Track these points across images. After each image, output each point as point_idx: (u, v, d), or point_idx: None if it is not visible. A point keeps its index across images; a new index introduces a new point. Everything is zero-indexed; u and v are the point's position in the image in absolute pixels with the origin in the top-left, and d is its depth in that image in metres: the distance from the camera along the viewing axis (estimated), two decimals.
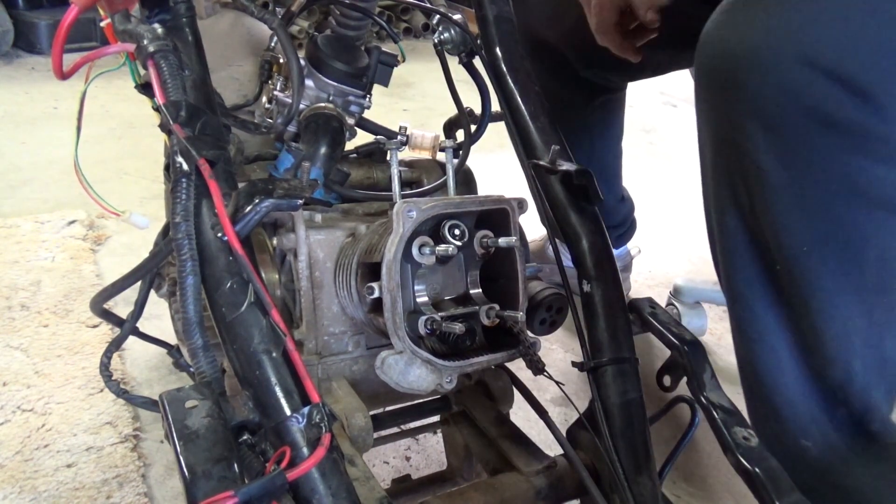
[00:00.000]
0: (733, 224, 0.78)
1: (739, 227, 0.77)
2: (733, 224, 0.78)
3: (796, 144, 0.70)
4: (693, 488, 1.14)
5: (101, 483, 1.00)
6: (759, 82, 0.69)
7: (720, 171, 0.78)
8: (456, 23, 0.88)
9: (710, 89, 0.76)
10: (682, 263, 1.90)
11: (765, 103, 0.69)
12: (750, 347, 0.81)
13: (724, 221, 0.79)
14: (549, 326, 0.78)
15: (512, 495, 0.68)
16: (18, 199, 1.77)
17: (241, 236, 0.56)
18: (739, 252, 0.78)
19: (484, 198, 0.68)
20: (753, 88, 0.69)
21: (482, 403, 0.81)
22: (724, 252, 0.80)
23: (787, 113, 0.69)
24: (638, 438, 0.66)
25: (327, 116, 0.84)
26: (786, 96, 0.68)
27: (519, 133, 0.81)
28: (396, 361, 0.61)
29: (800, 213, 0.72)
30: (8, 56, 2.74)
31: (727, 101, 0.73)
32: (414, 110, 2.80)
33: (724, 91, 0.73)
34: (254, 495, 0.45)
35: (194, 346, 0.55)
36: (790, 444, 0.81)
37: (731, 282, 0.81)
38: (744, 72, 0.70)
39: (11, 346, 1.25)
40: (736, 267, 0.79)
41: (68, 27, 0.60)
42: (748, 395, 0.86)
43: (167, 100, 0.61)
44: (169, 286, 0.98)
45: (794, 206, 0.72)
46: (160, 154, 0.93)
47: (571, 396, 0.74)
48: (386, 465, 1.12)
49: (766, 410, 0.82)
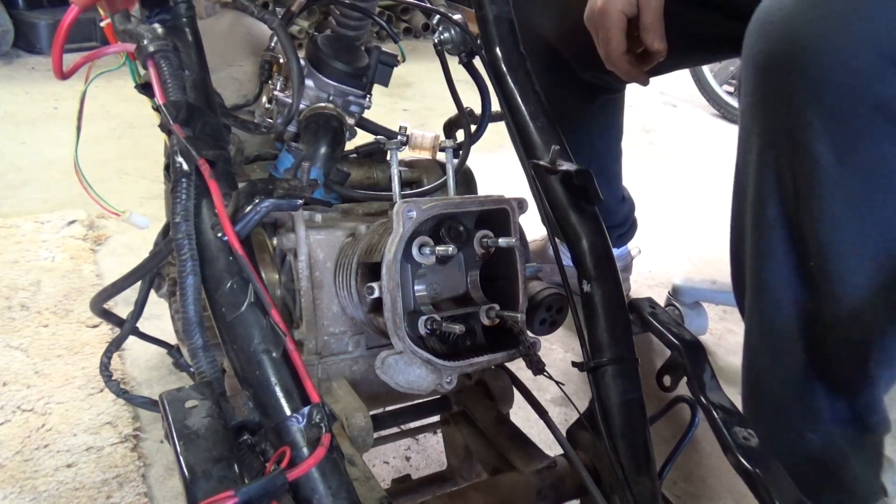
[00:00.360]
0: (772, 216, 0.77)
1: (779, 219, 0.76)
2: (772, 216, 0.77)
3: (857, 138, 0.68)
4: (693, 488, 1.14)
5: (101, 483, 1.00)
6: (825, 68, 0.66)
7: (767, 160, 0.76)
8: (456, 23, 0.88)
9: (766, 74, 0.73)
10: (681, 263, 1.90)
11: (829, 91, 0.67)
12: (766, 339, 0.81)
13: (762, 213, 0.78)
14: (549, 326, 0.78)
15: (512, 495, 0.68)
16: (18, 199, 1.77)
17: (241, 236, 0.56)
18: (773, 245, 0.77)
19: (484, 198, 0.68)
20: (819, 74, 0.67)
21: (482, 403, 0.81)
22: (757, 244, 0.79)
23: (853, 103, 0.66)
24: (638, 438, 0.65)
25: (327, 116, 0.84)
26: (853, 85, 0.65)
27: (519, 133, 0.81)
28: (396, 361, 0.61)
29: (847, 210, 0.71)
30: (8, 56, 2.74)
31: (786, 86, 0.70)
32: (414, 110, 2.80)
33: (785, 76, 0.70)
34: (254, 495, 0.45)
35: (194, 346, 0.55)
36: (793, 439, 0.82)
37: (759, 273, 0.80)
38: (810, 56, 0.67)
39: (11, 346, 1.25)
40: (767, 259, 0.79)
41: (68, 27, 0.60)
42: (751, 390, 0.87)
43: (167, 100, 0.61)
44: (169, 286, 0.98)
45: (842, 202, 0.70)
46: (160, 154, 0.93)
47: (571, 396, 0.74)
48: (386, 465, 1.12)
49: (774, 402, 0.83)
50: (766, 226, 0.78)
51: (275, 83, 0.87)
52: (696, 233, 2.10)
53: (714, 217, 2.24)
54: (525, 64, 0.84)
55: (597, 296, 0.71)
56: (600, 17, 0.97)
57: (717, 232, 2.13)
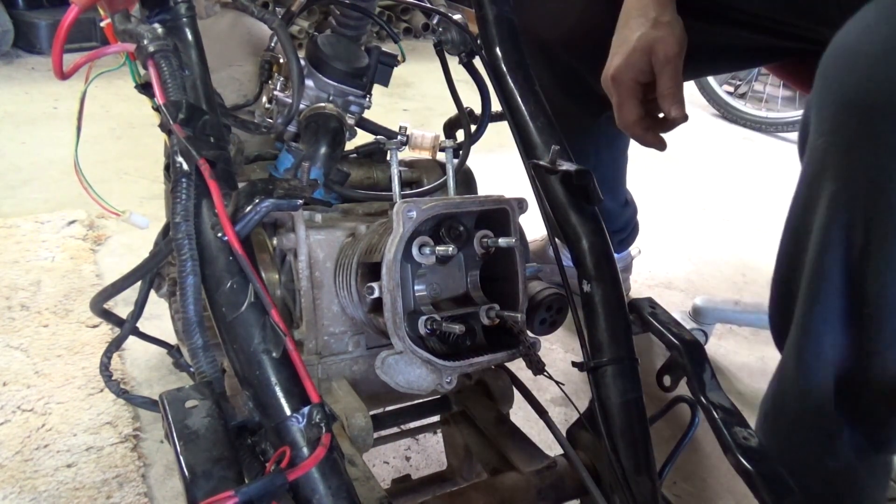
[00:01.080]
0: (833, 262, 0.74)
1: (839, 266, 0.73)
2: (833, 262, 0.74)
3: None
4: (693, 488, 1.14)
5: (101, 483, 1.00)
6: None
7: (840, 204, 0.72)
8: (456, 23, 0.88)
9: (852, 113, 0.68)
10: (682, 264, 1.90)
11: None
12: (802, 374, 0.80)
13: (822, 258, 0.74)
14: (549, 326, 0.78)
15: (512, 495, 0.68)
16: (18, 199, 1.77)
17: (241, 236, 0.56)
18: (828, 291, 0.75)
19: (484, 198, 0.68)
20: None
21: (482, 403, 0.81)
22: (810, 287, 0.77)
23: None
24: (638, 438, 0.65)
25: (327, 116, 0.84)
26: None
27: (519, 133, 0.81)
28: (396, 361, 0.61)
29: None
30: (8, 56, 2.74)
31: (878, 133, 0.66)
32: (414, 110, 2.80)
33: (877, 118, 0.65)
34: (254, 495, 0.45)
35: (194, 346, 0.55)
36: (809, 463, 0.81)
37: (808, 315, 0.78)
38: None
39: (11, 346, 1.25)
40: (818, 303, 0.76)
41: (68, 27, 0.60)
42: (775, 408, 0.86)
43: (167, 100, 0.61)
44: (169, 286, 0.98)
45: None
46: (160, 154, 0.93)
47: (571, 396, 0.74)
48: (386, 465, 1.12)
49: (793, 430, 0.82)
50: (825, 271, 0.75)
51: (275, 83, 0.87)
52: (697, 233, 2.10)
53: (715, 217, 2.24)
54: (525, 64, 0.84)
55: (597, 296, 0.71)
56: (613, 84, 0.95)
57: (718, 232, 2.13)
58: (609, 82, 0.96)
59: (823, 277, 0.75)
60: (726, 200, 2.37)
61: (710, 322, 1.49)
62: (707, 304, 1.48)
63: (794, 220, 0.80)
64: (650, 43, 0.91)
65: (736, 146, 2.99)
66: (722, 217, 2.24)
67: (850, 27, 0.69)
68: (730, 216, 2.25)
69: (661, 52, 0.91)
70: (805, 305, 0.78)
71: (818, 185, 0.74)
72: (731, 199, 2.39)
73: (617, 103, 0.97)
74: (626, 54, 0.93)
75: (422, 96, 2.94)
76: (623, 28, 0.95)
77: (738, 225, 2.19)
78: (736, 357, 1.49)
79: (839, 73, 0.69)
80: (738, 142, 3.04)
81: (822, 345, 0.77)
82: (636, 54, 0.92)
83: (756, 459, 0.65)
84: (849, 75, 0.68)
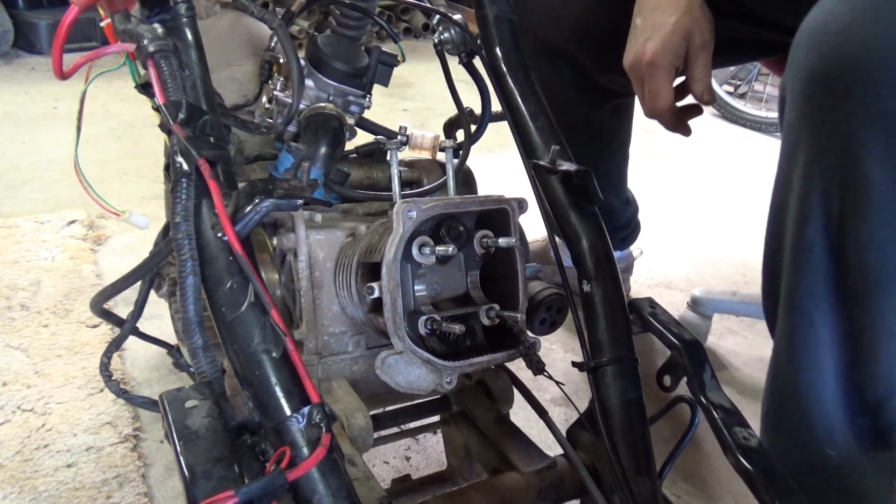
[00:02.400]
0: (813, 234, 0.75)
1: (819, 238, 0.74)
2: (813, 234, 0.75)
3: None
4: (693, 488, 1.14)
5: (101, 483, 1.00)
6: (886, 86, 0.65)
7: (814, 176, 0.74)
8: (456, 23, 0.88)
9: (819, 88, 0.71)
10: (682, 264, 1.90)
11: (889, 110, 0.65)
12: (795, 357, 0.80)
13: (802, 231, 0.76)
14: (549, 326, 0.78)
15: (512, 495, 0.68)
16: (18, 199, 1.77)
17: (241, 236, 0.56)
18: (812, 264, 0.76)
19: (484, 198, 0.68)
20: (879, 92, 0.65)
21: (482, 403, 0.81)
22: (794, 262, 0.78)
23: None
24: (638, 438, 0.65)
25: (327, 116, 0.84)
26: None
27: (519, 133, 0.81)
28: (396, 361, 0.61)
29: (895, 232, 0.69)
30: (8, 56, 2.74)
31: (842, 102, 0.68)
32: (414, 110, 2.80)
33: (840, 91, 0.68)
34: (254, 495, 0.45)
35: (194, 346, 0.55)
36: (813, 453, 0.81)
37: (793, 292, 0.78)
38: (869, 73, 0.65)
39: (11, 346, 1.25)
40: (803, 278, 0.77)
41: (68, 27, 0.60)
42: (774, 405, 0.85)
43: (167, 100, 0.61)
44: (169, 286, 0.98)
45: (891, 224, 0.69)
46: (160, 154, 0.93)
47: (571, 396, 0.74)
48: (386, 465, 1.12)
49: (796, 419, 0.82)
50: (806, 243, 0.76)
51: (275, 83, 0.87)
52: (697, 233, 2.10)
53: (714, 217, 2.24)
54: (525, 64, 0.84)
55: (597, 296, 0.71)
56: (649, 69, 0.94)
57: (718, 232, 2.13)
58: (643, 67, 0.95)
59: (804, 249, 0.76)
60: (726, 200, 2.37)
61: (709, 313, 1.50)
62: (705, 295, 1.50)
63: (776, 197, 0.81)
64: (688, 27, 0.92)
65: (736, 146, 2.99)
66: (722, 217, 2.24)
67: (815, 11, 0.72)
68: (730, 216, 2.25)
69: (698, 37, 0.91)
70: (791, 283, 0.79)
71: (793, 160, 0.76)
72: (731, 199, 2.39)
73: (651, 89, 0.96)
74: (663, 38, 0.92)
75: (422, 96, 2.94)
76: (652, 13, 0.94)
77: (738, 225, 2.19)
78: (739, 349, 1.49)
79: (806, 51, 0.72)
80: (738, 142, 3.04)
81: (812, 321, 0.77)
82: (675, 38, 0.92)
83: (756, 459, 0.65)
84: (814, 52, 0.71)
